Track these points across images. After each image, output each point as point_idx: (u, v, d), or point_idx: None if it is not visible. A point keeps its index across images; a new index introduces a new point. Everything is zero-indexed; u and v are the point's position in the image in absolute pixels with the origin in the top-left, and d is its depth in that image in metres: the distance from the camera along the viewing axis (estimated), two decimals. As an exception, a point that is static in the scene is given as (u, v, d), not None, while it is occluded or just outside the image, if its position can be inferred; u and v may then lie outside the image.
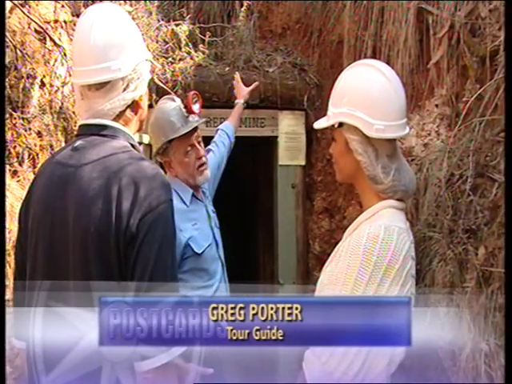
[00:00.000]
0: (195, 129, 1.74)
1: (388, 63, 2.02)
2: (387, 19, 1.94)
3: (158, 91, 2.51)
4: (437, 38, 1.70)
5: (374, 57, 2.11)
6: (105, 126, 1.03)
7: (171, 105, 1.73)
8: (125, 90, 1.02)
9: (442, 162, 1.54)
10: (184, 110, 1.73)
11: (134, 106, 1.05)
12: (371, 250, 0.99)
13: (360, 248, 1.01)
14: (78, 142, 1.03)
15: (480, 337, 1.16)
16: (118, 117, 1.05)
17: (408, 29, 1.81)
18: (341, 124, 1.12)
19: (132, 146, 1.05)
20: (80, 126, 1.08)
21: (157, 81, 2.53)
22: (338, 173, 1.24)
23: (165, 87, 2.51)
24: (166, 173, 1.67)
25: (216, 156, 2.04)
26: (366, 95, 1.08)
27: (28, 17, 1.69)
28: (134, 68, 1.03)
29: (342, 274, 1.04)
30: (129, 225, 0.91)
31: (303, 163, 2.82)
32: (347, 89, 1.12)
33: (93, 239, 0.92)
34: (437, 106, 1.75)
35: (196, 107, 1.80)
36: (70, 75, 1.91)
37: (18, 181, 1.63)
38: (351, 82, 1.12)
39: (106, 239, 0.92)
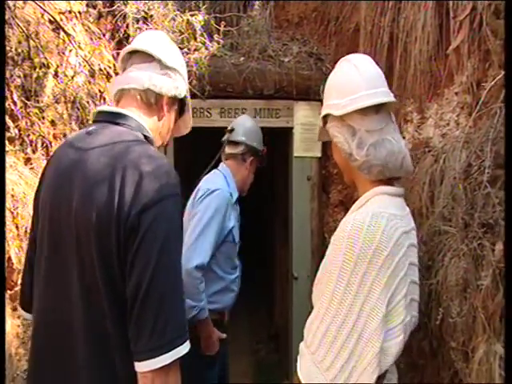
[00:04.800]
0: None
1: (405, 50, 1.95)
2: (405, 4, 1.86)
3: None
4: (457, 21, 1.61)
5: (391, 44, 2.03)
6: (121, 115, 1.05)
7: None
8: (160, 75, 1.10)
9: (461, 152, 1.47)
10: None
11: (158, 102, 1.10)
12: (356, 237, 0.97)
13: (345, 236, 0.99)
14: (93, 127, 1.04)
15: (495, 338, 1.10)
16: (144, 107, 1.08)
17: (427, 13, 1.73)
18: (325, 123, 1.17)
19: (146, 138, 1.06)
20: (97, 113, 1.09)
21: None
22: (343, 174, 1.26)
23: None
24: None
25: None
26: (334, 82, 1.15)
27: (41, 8, 1.70)
28: (177, 68, 1.14)
29: (329, 264, 1.03)
30: (130, 215, 0.88)
31: (319, 155, 2.77)
32: (325, 88, 1.20)
33: (94, 224, 0.90)
34: (456, 93, 1.66)
35: None
36: (82, 65, 1.93)
37: (31, 168, 1.66)
38: (328, 81, 1.20)
39: (107, 225, 0.89)
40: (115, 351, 0.93)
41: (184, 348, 0.92)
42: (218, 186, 1.85)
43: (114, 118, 1.04)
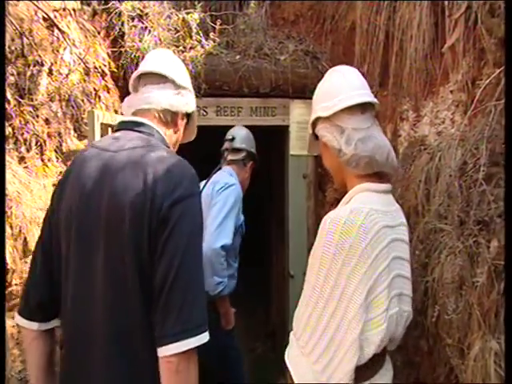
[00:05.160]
0: None
1: (401, 48, 1.95)
2: (400, 3, 1.86)
3: (168, 80, 2.50)
4: (452, 20, 1.61)
5: (386, 42, 2.03)
6: (142, 123, 1.16)
7: None
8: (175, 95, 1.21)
9: (456, 150, 1.47)
10: None
11: (173, 118, 1.22)
12: (333, 232, 1.03)
13: (323, 232, 1.05)
14: (119, 133, 1.15)
15: (490, 334, 1.10)
16: (161, 123, 1.20)
17: (422, 12, 1.73)
18: (314, 128, 1.24)
19: (164, 143, 1.18)
20: (120, 122, 1.21)
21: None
22: (335, 179, 1.32)
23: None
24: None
25: None
26: (322, 89, 1.24)
27: (35, 5, 1.69)
28: (186, 88, 1.24)
29: (310, 258, 1.09)
30: (162, 207, 0.98)
31: (315, 153, 2.77)
32: (314, 96, 1.27)
33: (130, 216, 0.98)
34: (452, 92, 1.66)
35: None
36: (77, 63, 1.92)
37: (25, 167, 1.64)
38: (316, 90, 1.28)
39: (141, 216, 0.98)
40: (141, 339, 0.99)
41: (205, 336, 0.97)
42: (234, 181, 2.05)
43: (135, 126, 1.15)
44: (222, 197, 1.95)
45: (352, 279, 1.01)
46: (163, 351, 0.93)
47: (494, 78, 1.35)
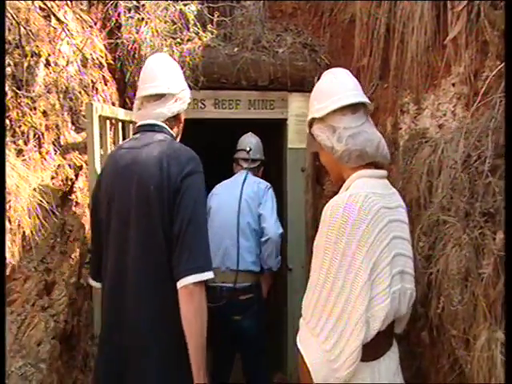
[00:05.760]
0: None
1: (402, 41, 1.95)
2: (402, -6, 1.85)
3: (165, 72, 2.47)
4: (455, 12, 1.61)
5: (387, 35, 2.02)
6: (157, 125, 1.53)
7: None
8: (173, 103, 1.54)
9: (459, 142, 1.48)
10: None
11: (176, 117, 1.58)
12: (335, 216, 1.09)
13: (326, 217, 1.12)
14: (138, 135, 1.54)
15: (496, 325, 1.11)
16: (168, 124, 1.55)
17: (424, 4, 1.72)
18: (311, 127, 1.33)
19: (173, 138, 1.56)
20: (138, 126, 1.57)
21: (164, 62, 2.48)
22: (331, 175, 1.40)
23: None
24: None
25: None
26: (316, 91, 1.33)
27: (32, -6, 1.65)
28: (180, 91, 1.57)
29: (315, 245, 1.16)
30: (176, 182, 1.37)
31: (314, 151, 2.76)
32: (310, 99, 1.35)
33: (154, 192, 1.38)
34: (453, 84, 1.67)
35: None
36: (75, 54, 1.88)
37: (23, 160, 1.61)
38: (312, 93, 1.35)
39: (161, 191, 1.37)
40: (167, 279, 1.36)
41: (210, 274, 1.34)
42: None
43: (150, 127, 1.53)
44: (270, 195, 2.41)
45: (356, 259, 1.06)
46: (181, 283, 1.32)
47: (498, 70, 1.35)
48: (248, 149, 2.49)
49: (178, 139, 1.64)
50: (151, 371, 1.38)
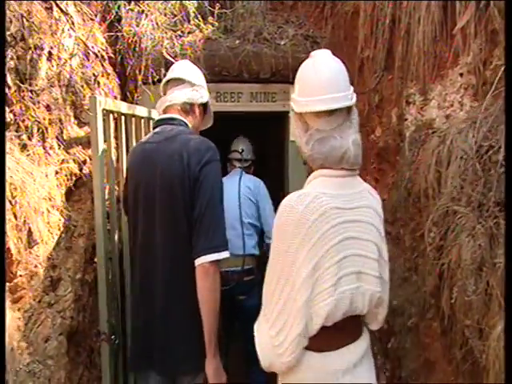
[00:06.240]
0: None
1: (408, 32, 1.94)
2: (408, -16, 1.83)
3: (166, 65, 2.44)
4: (463, 1, 1.60)
5: (392, 25, 2.01)
6: (173, 118, 1.65)
7: None
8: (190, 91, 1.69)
9: (468, 132, 1.47)
10: None
11: (191, 107, 1.70)
12: (283, 214, 1.15)
13: (277, 213, 1.18)
14: (158, 129, 1.66)
15: None
16: (184, 113, 1.68)
17: (431, -7, 1.71)
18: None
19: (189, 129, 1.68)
20: (157, 120, 1.70)
21: (165, 55, 2.46)
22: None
23: (174, 61, 2.43)
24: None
25: None
26: (298, 77, 1.28)
27: (33, -15, 1.61)
28: (198, 84, 1.74)
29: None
30: (195, 171, 1.49)
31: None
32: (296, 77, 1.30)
33: (176, 181, 1.51)
34: (461, 74, 1.66)
35: None
36: (77, 47, 1.85)
37: (27, 155, 1.58)
38: (298, 72, 1.30)
39: (183, 180, 1.50)
40: (188, 257, 1.48)
41: (226, 253, 1.48)
42: None
43: (169, 121, 1.65)
44: (264, 193, 2.71)
45: (298, 257, 1.12)
46: (198, 261, 1.45)
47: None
48: (241, 150, 2.80)
49: (196, 130, 1.76)
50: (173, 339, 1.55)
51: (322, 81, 1.19)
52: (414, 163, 1.77)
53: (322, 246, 1.12)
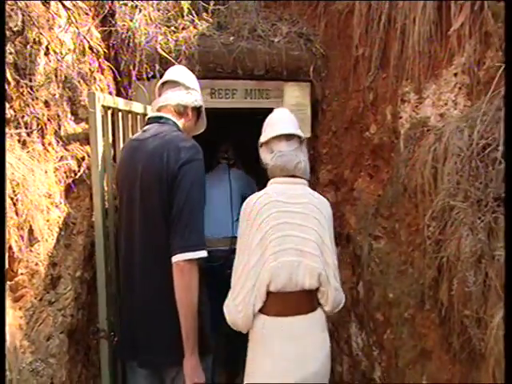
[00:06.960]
0: None
1: (403, 32, 1.98)
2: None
3: (161, 61, 2.42)
4: (458, 3, 1.65)
5: (388, 25, 2.05)
6: (162, 117, 1.70)
7: None
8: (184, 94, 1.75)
9: (464, 131, 1.53)
10: None
11: (184, 110, 1.75)
12: (245, 210, 1.59)
13: (242, 208, 1.62)
14: (147, 126, 1.71)
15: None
16: (177, 115, 1.73)
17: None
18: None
19: (178, 129, 1.72)
20: (148, 118, 1.77)
21: (160, 50, 2.44)
22: None
23: (168, 57, 2.42)
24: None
25: None
26: (265, 123, 1.81)
27: (29, -22, 1.58)
28: (193, 88, 1.81)
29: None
30: (174, 169, 1.52)
31: (308, 135, 2.78)
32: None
33: (155, 179, 1.54)
34: (455, 74, 1.72)
35: None
36: (75, 42, 1.83)
37: (27, 152, 1.56)
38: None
39: (161, 178, 1.53)
40: (165, 253, 1.51)
41: (203, 253, 1.50)
42: None
43: (158, 119, 1.70)
44: (249, 180, 3.15)
45: (250, 234, 1.54)
46: (174, 259, 1.48)
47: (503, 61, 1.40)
48: (226, 149, 3.26)
49: (188, 134, 1.79)
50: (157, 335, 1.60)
51: (282, 119, 1.76)
52: (409, 160, 1.82)
53: (266, 225, 1.52)
